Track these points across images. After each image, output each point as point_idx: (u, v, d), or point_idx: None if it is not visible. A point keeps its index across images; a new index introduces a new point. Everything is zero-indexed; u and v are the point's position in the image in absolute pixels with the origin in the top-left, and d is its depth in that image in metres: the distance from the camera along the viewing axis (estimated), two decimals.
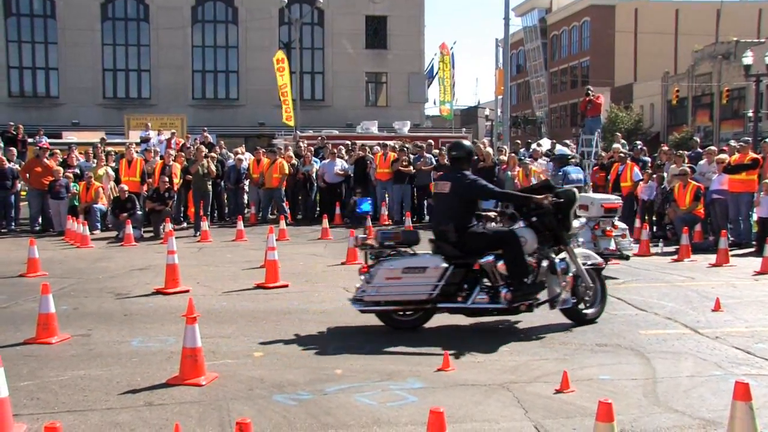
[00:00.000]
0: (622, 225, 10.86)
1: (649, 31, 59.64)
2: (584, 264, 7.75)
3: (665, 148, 18.57)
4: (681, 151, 17.22)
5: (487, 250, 7.38)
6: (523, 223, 7.63)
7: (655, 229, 15.60)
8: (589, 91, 21.06)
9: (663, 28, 59.29)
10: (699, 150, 18.12)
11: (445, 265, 7.27)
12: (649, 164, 17.68)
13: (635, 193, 16.14)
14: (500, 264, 7.31)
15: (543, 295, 7.52)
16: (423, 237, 7.77)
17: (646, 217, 15.81)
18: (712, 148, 16.13)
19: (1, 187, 16.83)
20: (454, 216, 7.47)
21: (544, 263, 7.49)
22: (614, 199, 11.16)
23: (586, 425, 4.74)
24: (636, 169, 16.27)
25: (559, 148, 13.52)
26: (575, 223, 7.88)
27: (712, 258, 12.13)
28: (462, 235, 7.40)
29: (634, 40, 62.20)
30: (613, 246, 10.30)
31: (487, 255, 7.34)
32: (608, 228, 10.34)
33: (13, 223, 17.25)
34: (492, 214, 8.00)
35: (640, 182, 16.08)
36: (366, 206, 18.22)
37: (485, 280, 7.41)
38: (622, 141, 20.97)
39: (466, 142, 8.73)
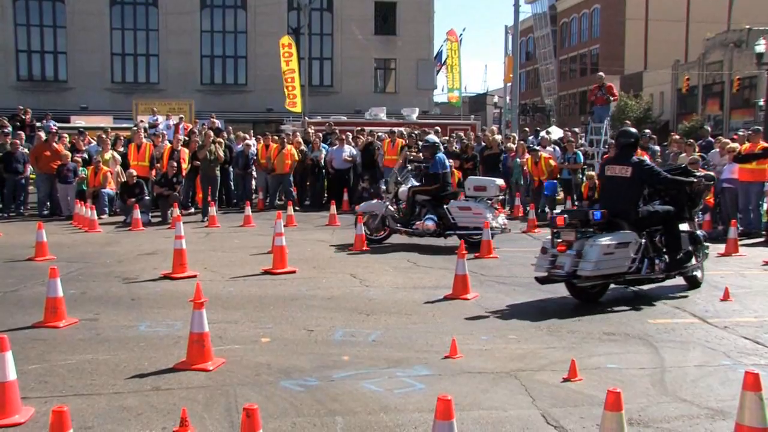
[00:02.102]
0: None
1: (660, 18, 59.14)
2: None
3: (676, 137, 18.41)
4: (691, 140, 17.09)
5: (652, 226, 8.46)
6: (659, 201, 8.60)
7: None
8: (602, 78, 20.90)
9: (674, 16, 58.80)
10: (710, 139, 17.97)
11: (642, 240, 8.25)
12: (658, 153, 17.57)
13: None
14: (657, 238, 8.51)
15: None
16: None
17: None
18: (725, 139, 15.95)
19: (13, 171, 16.90)
20: (635, 197, 8.39)
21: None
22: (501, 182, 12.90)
23: (594, 414, 4.73)
24: (646, 158, 16.14)
25: (430, 137, 13.69)
26: None
27: (722, 247, 12.05)
28: (639, 213, 8.37)
29: (645, 28, 61.73)
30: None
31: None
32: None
33: (22, 207, 17.31)
34: None
35: None
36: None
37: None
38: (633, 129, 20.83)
39: (633, 129, 9.43)
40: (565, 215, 8.14)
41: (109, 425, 4.68)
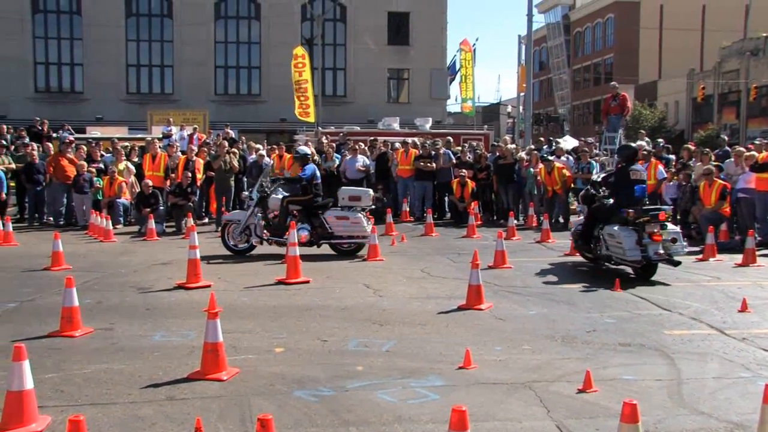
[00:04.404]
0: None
1: (674, 27, 58.90)
2: None
3: (692, 147, 18.26)
4: (707, 149, 16.98)
5: None
6: None
7: (678, 227, 15.35)
8: (616, 87, 20.87)
9: (689, 24, 58.51)
10: (727, 148, 17.84)
11: None
12: (673, 162, 17.48)
13: (658, 192, 15.94)
14: None
15: None
16: (443, 232, 7.72)
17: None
18: (741, 149, 15.82)
19: (33, 182, 17.07)
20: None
21: None
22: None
23: (610, 426, 4.69)
24: (660, 167, 16.08)
25: (301, 148, 13.78)
26: None
27: (739, 258, 11.94)
28: None
29: (659, 37, 61.53)
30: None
31: None
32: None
33: (45, 217, 17.48)
34: None
35: (664, 180, 15.90)
36: None
37: None
38: (647, 139, 20.76)
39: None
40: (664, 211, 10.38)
41: None
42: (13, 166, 17.64)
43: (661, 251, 10.00)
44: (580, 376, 5.62)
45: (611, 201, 10.88)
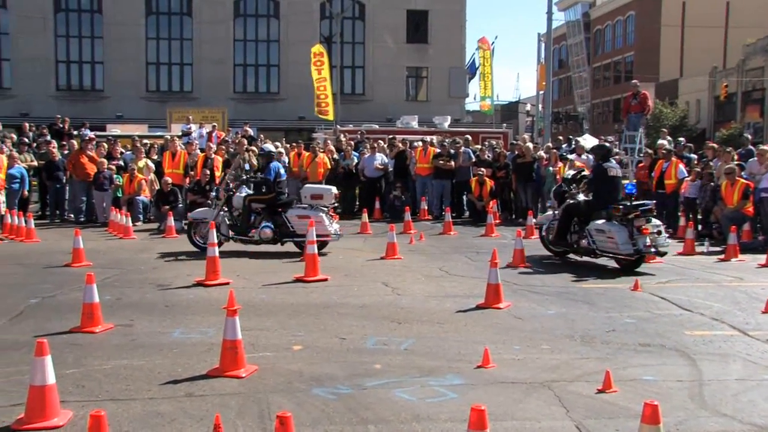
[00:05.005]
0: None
1: (697, 24, 58.28)
2: None
3: (716, 146, 18.04)
4: (729, 148, 16.80)
5: None
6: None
7: (700, 227, 15.23)
8: (636, 86, 20.70)
9: (712, 22, 57.84)
10: (750, 147, 17.62)
11: None
12: (695, 161, 17.31)
13: (679, 191, 15.80)
14: None
15: None
16: (461, 230, 7.69)
17: (691, 216, 15.45)
18: (765, 147, 15.60)
19: (54, 179, 17.25)
20: None
21: None
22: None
23: (630, 427, 4.65)
24: (681, 166, 15.93)
25: (265, 146, 13.79)
26: None
27: (762, 258, 11.79)
28: None
29: (681, 34, 60.88)
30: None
31: None
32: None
33: (66, 214, 17.65)
34: None
35: (685, 179, 15.74)
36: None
37: None
38: (668, 138, 20.58)
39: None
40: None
41: (144, 430, 4.72)
42: (35, 163, 17.83)
43: (649, 243, 10.58)
44: (599, 376, 5.58)
45: (581, 197, 11.59)
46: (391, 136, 21.58)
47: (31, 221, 14.48)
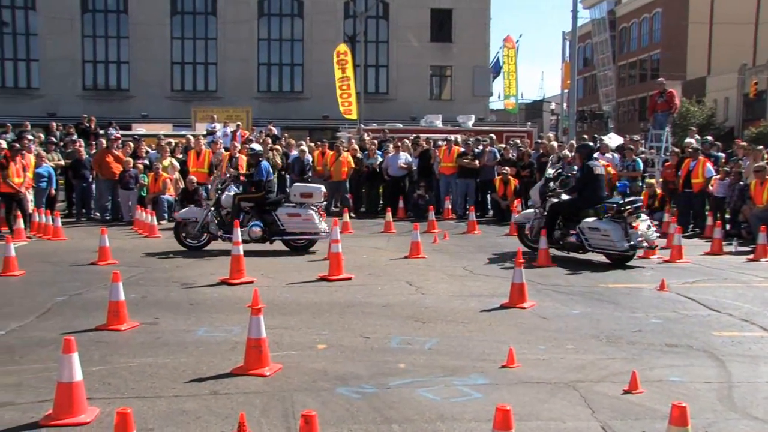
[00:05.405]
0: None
1: (725, 21, 57.46)
2: None
3: (745, 145, 17.78)
4: (759, 146, 16.55)
5: None
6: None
7: (728, 227, 15.03)
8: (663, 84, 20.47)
9: (741, 18, 57.00)
10: None
11: None
12: (722, 160, 17.09)
13: (707, 190, 15.60)
14: None
15: None
16: (485, 230, 7.65)
17: (719, 215, 15.25)
18: None
19: (81, 178, 17.45)
20: None
21: None
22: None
23: (657, 428, 4.60)
24: (709, 165, 15.72)
25: (253, 146, 13.87)
26: None
27: None
28: None
29: (709, 31, 60.04)
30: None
31: None
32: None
33: (92, 212, 17.84)
34: None
35: (713, 178, 15.54)
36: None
37: None
38: (697, 136, 20.33)
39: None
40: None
41: (169, 428, 4.74)
42: (62, 162, 18.06)
43: (641, 238, 11.01)
44: (625, 376, 5.53)
45: (564, 196, 11.91)
46: (414, 135, 21.56)
47: (58, 220, 14.66)
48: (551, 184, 12.23)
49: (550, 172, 12.65)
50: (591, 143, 14.77)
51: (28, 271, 10.38)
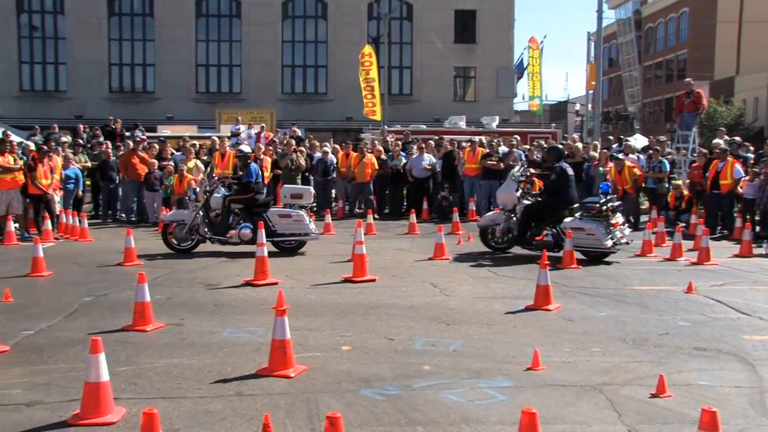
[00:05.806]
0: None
1: (755, 19, 56.60)
2: None
3: None
4: None
5: None
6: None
7: (757, 229, 14.80)
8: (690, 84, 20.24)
9: None
10: None
11: None
12: (751, 160, 16.84)
13: (735, 192, 15.38)
14: None
15: None
16: None
17: (748, 217, 15.02)
18: None
19: (107, 179, 17.64)
20: None
21: None
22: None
23: None
24: (737, 166, 15.50)
25: (242, 148, 13.75)
26: None
27: None
28: None
29: (738, 30, 59.19)
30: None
31: None
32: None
33: (118, 214, 18.03)
34: None
35: (742, 179, 15.32)
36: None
37: None
38: (726, 137, 20.07)
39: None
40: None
41: (194, 428, 4.77)
42: (89, 164, 18.26)
43: (620, 235, 11.69)
44: (652, 380, 5.46)
45: (538, 198, 12.29)
46: (438, 137, 21.50)
47: (85, 221, 14.83)
48: (525, 186, 12.58)
49: (516, 174, 12.65)
50: (560, 146, 15.42)
51: (55, 272, 10.50)
